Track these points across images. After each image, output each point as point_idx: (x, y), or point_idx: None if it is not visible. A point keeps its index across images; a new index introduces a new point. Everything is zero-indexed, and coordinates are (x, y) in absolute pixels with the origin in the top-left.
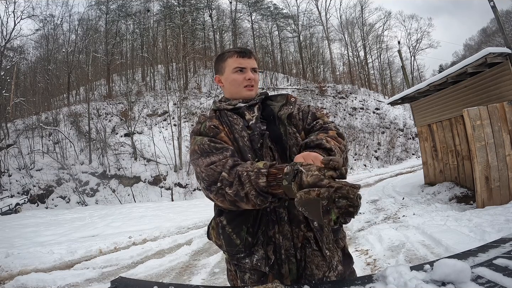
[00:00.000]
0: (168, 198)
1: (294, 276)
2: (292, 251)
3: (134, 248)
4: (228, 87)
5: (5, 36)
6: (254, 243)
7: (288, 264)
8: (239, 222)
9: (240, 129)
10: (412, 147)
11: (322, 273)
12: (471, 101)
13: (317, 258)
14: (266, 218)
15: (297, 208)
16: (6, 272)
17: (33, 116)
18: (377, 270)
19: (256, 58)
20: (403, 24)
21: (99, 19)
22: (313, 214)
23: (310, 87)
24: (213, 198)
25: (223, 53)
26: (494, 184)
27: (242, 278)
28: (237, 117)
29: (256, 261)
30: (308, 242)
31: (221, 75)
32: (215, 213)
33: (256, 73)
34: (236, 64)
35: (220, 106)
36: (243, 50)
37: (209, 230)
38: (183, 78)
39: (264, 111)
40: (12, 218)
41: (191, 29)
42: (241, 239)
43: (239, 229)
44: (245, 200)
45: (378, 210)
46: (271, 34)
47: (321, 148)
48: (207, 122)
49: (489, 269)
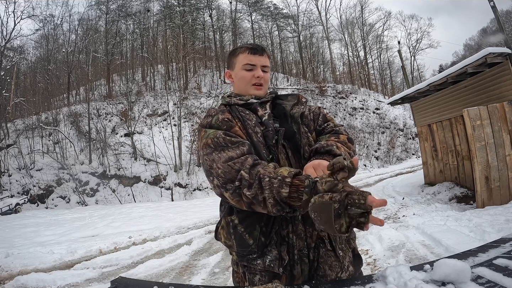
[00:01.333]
0: (168, 198)
1: (306, 277)
2: (305, 251)
3: (134, 248)
4: (237, 84)
5: (5, 36)
6: (267, 243)
7: (300, 264)
8: (252, 221)
9: (253, 124)
10: (412, 147)
11: (335, 273)
12: (471, 101)
13: (330, 259)
14: (280, 217)
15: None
16: (6, 272)
17: (33, 116)
18: (377, 270)
19: (269, 55)
20: (403, 24)
21: (99, 19)
22: (324, 220)
23: (310, 87)
24: (228, 197)
25: (236, 48)
26: (494, 184)
27: (251, 280)
28: (249, 112)
29: (269, 262)
30: (322, 242)
31: (232, 70)
32: (223, 211)
33: (266, 72)
34: (246, 61)
35: (230, 101)
36: (255, 46)
37: (217, 229)
38: (183, 78)
39: (275, 109)
40: (12, 218)
41: (191, 29)
42: (254, 238)
43: (252, 229)
44: (262, 205)
45: (378, 210)
46: (271, 34)
47: (331, 155)
48: (219, 115)
49: (489, 269)
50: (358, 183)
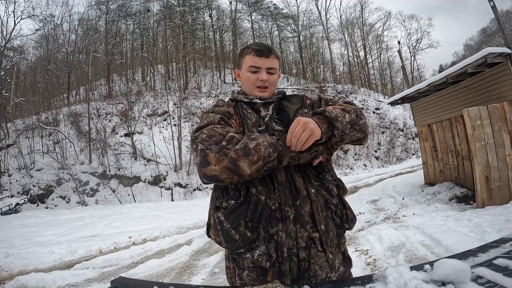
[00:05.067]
0: (168, 198)
1: (294, 275)
2: (294, 250)
3: (134, 248)
4: (243, 84)
5: (5, 36)
6: (254, 238)
7: (289, 262)
8: (236, 217)
9: (252, 124)
10: (412, 147)
11: (325, 273)
12: (471, 101)
13: (321, 259)
14: (269, 214)
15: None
16: (6, 272)
17: (33, 116)
18: (377, 270)
19: (277, 56)
20: (403, 24)
21: (99, 19)
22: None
23: (310, 87)
24: (213, 158)
25: (243, 48)
26: (494, 184)
27: (240, 276)
28: (251, 111)
29: (258, 256)
30: (313, 242)
31: (240, 70)
32: (212, 209)
33: (273, 74)
34: (251, 63)
35: (237, 97)
36: (261, 48)
37: (208, 227)
38: (183, 78)
39: (279, 113)
40: (12, 218)
41: (191, 29)
42: (240, 234)
43: (237, 224)
44: (252, 152)
45: (378, 210)
46: (271, 34)
47: (323, 115)
48: (224, 107)
49: (489, 269)
50: (358, 183)
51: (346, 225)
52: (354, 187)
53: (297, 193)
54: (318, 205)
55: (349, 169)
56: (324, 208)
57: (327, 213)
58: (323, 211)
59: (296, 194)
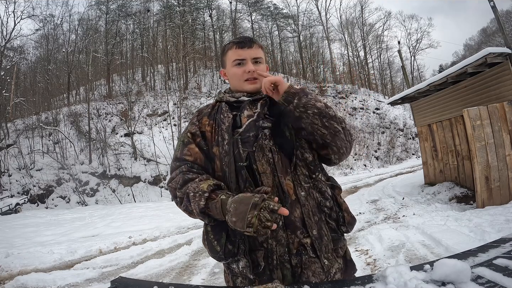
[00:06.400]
0: (168, 198)
1: (289, 281)
2: (286, 257)
3: (134, 248)
4: (231, 81)
5: (5, 36)
6: (235, 252)
7: (281, 269)
8: (220, 229)
9: (224, 130)
10: (412, 147)
11: (319, 280)
12: (471, 101)
13: (314, 265)
14: None
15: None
16: (6, 272)
17: (33, 116)
18: (377, 270)
19: (260, 46)
20: (403, 24)
21: (99, 19)
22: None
23: (310, 87)
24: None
25: (225, 45)
26: (494, 184)
27: (234, 282)
28: (227, 115)
29: (242, 268)
30: (304, 248)
31: (225, 69)
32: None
33: (259, 63)
34: (235, 56)
35: (223, 97)
36: (242, 40)
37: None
38: (183, 78)
39: (271, 108)
40: (12, 218)
41: (191, 29)
42: (221, 246)
43: (219, 236)
44: (194, 214)
45: (378, 210)
46: (271, 34)
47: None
48: (189, 126)
49: (489, 269)
50: (358, 183)
51: (343, 228)
52: (354, 187)
53: (285, 197)
54: (309, 209)
55: (349, 169)
56: (317, 211)
57: (320, 217)
58: (315, 215)
59: (284, 199)
